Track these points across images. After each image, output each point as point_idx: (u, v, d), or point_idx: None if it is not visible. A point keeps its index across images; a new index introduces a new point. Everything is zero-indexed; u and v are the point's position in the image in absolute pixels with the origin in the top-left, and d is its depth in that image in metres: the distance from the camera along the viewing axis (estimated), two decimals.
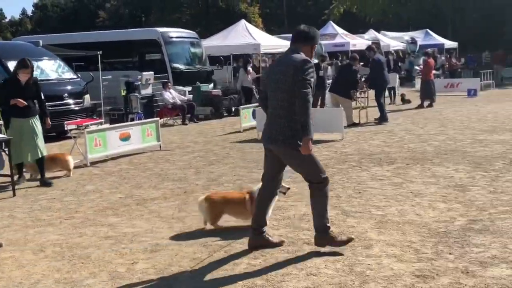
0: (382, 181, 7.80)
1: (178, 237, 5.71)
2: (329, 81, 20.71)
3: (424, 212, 6.19)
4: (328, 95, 17.53)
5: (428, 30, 35.89)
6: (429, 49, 34.40)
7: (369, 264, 4.70)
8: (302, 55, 4.90)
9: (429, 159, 9.29)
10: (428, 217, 5.97)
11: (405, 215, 6.09)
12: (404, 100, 19.51)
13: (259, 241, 5.19)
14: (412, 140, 11.45)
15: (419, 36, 35.32)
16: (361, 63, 21.05)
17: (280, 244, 5.23)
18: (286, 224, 5.96)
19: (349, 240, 5.11)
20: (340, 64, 22.85)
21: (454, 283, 4.22)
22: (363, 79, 15.56)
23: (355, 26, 39.38)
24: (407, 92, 21.72)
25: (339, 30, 29.11)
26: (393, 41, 33.03)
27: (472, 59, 33.59)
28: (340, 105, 14.43)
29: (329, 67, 22.27)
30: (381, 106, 14.68)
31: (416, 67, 27.40)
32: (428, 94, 18.35)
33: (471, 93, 21.77)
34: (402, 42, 34.08)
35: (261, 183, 5.40)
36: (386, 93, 20.36)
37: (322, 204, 5.01)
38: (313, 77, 4.79)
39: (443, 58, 32.78)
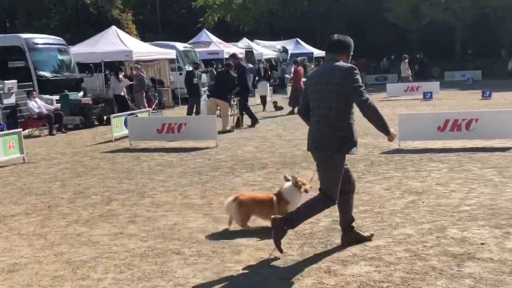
0: (254, 187, 7.92)
1: (39, 255, 5.36)
2: (204, 89, 20.82)
3: None
4: (203, 102, 17.61)
5: (298, 39, 37.34)
6: (299, 58, 35.86)
7: (237, 270, 4.72)
8: (345, 63, 4.97)
9: (298, 163, 9.60)
10: None
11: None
12: (277, 107, 20.06)
13: (352, 237, 5.21)
14: (283, 145, 11.78)
15: (290, 45, 36.64)
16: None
17: (369, 238, 5.28)
18: (156, 235, 5.82)
19: (280, 251, 4.99)
20: (215, 71, 23.03)
21: (317, 283, 4.36)
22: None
23: (229, 35, 39.97)
24: (280, 99, 22.37)
25: (214, 38, 29.34)
26: (265, 49, 33.94)
27: None
28: (219, 110, 14.55)
29: (203, 74, 22.35)
30: (248, 110, 15.13)
31: (286, 75, 28.38)
32: (298, 101, 19.02)
33: None
34: (274, 51, 35.14)
35: (288, 183, 5.78)
36: (258, 100, 20.94)
37: (312, 212, 5.13)
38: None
39: (312, 66, 34.27)
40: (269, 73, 24.61)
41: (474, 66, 37.37)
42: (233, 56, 16.38)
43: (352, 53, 5.23)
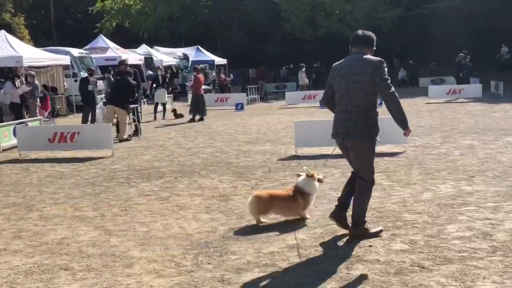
0: (150, 197, 7.75)
1: None
2: (101, 96, 20.19)
3: (188, 224, 6.27)
4: (99, 110, 17.05)
5: (199, 47, 37.30)
6: (200, 65, 35.81)
7: (128, 284, 4.56)
8: (374, 57, 5.31)
9: (197, 171, 9.53)
10: (192, 229, 6.06)
11: (169, 229, 6.09)
12: (177, 115, 19.86)
13: (342, 218, 5.54)
14: (182, 153, 11.66)
15: (191, 52, 36.49)
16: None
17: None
18: (43, 250, 5.51)
19: (381, 230, 5.55)
20: (112, 78, 22.41)
21: None
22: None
23: (128, 41, 39.11)
24: (181, 106, 22.24)
25: (111, 44, 28.57)
26: (166, 56, 33.56)
27: (237, 75, 35.78)
28: (117, 118, 14.14)
29: (100, 81, 21.70)
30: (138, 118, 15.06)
31: (186, 83, 28.24)
32: (198, 108, 18.97)
33: (239, 107, 23.13)
34: (175, 58, 34.84)
35: (304, 175, 6.12)
36: (160, 107, 20.58)
37: (364, 201, 5.46)
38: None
39: (214, 73, 34.36)
40: (167, 80, 24.22)
41: None
42: (122, 63, 16.07)
43: (375, 48, 5.57)
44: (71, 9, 52.98)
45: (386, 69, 5.23)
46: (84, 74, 23.55)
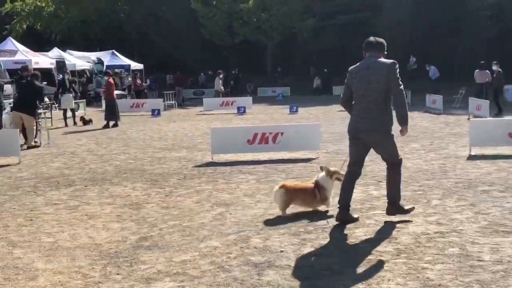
0: (57, 206, 7.44)
1: None
2: (9, 101, 19.21)
3: (97, 234, 6.07)
4: (5, 116, 16.21)
5: (114, 51, 36.45)
6: (115, 70, 35.03)
7: None
8: (387, 59, 5.98)
9: (109, 179, 9.27)
10: (101, 239, 5.87)
11: (77, 239, 5.87)
12: (85, 122, 19.12)
13: (345, 216, 6.11)
14: (93, 160, 11.31)
15: (106, 57, 35.58)
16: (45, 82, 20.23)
17: (357, 219, 6.19)
18: None
19: (413, 208, 6.29)
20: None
21: None
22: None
23: (40, 44, 37.51)
24: (95, 112, 21.61)
25: (20, 46, 27.27)
26: (79, 60, 32.53)
27: (154, 81, 35.31)
28: (25, 125, 13.49)
29: (7, 85, 20.63)
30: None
31: (100, 88, 27.50)
32: (112, 114, 18.50)
33: (155, 113, 22.81)
34: (89, 62, 33.85)
35: (323, 173, 6.64)
36: (69, 113, 19.85)
37: (397, 180, 6.09)
38: None
39: (129, 79, 33.70)
40: (73, 84, 23.24)
41: (283, 82, 39.89)
42: (25, 69, 15.23)
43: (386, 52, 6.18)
44: None
45: (398, 70, 5.92)
46: None
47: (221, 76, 28.49)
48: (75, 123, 19.46)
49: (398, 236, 5.64)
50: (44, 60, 27.28)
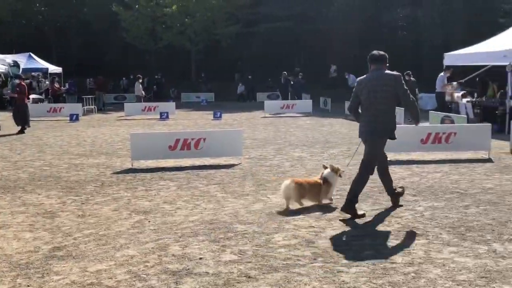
0: None
1: None
2: None
3: (8, 244, 5.78)
4: None
5: (31, 54, 35.00)
6: (33, 73, 33.68)
7: None
8: (393, 72, 6.76)
9: (22, 186, 8.86)
10: (11, 250, 5.60)
11: None
12: None
13: (352, 210, 6.58)
14: (6, 167, 10.79)
15: (22, 59, 34.11)
16: None
17: (363, 215, 6.67)
18: None
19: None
20: None
21: None
22: None
23: None
24: (8, 117, 20.58)
25: None
26: None
27: (73, 85, 34.23)
28: None
29: None
30: None
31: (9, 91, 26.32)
32: (23, 119, 17.75)
33: (73, 117, 22.10)
34: (4, 65, 32.30)
35: (327, 169, 7.36)
36: None
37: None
38: None
39: (47, 82, 32.49)
40: None
41: (207, 88, 39.79)
42: None
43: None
44: None
45: (403, 81, 6.78)
46: None
47: (140, 80, 28.04)
48: None
49: (315, 240, 5.74)
50: None
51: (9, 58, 34.13)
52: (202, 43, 42.26)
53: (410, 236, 5.84)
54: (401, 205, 7.18)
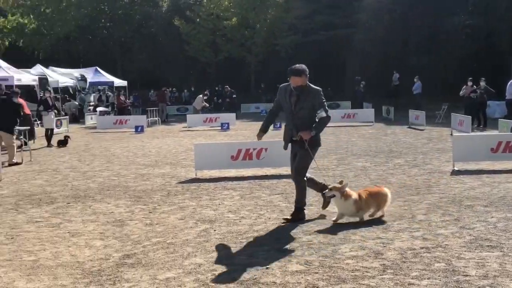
0: (39, 223, 7.32)
1: None
2: None
3: (80, 252, 5.97)
4: None
5: (98, 68, 36.31)
6: (99, 86, 34.88)
7: None
8: (312, 85, 6.93)
9: (92, 196, 9.15)
10: (83, 257, 5.77)
11: (59, 258, 5.76)
12: (60, 144, 17.58)
13: (300, 216, 7.00)
14: (76, 177, 11.18)
15: (89, 73, 35.44)
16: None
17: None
18: None
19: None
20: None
21: None
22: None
23: (23, 61, 37.22)
24: (78, 129, 21.38)
25: (2, 63, 27.01)
26: (62, 77, 32.32)
27: (137, 97, 35.20)
28: (5, 142, 13.31)
29: None
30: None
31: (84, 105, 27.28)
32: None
33: (138, 129, 22.69)
34: (72, 79, 33.67)
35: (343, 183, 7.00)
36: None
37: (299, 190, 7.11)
38: None
39: (113, 95, 33.58)
40: (55, 102, 22.15)
41: (266, 99, 39.97)
42: None
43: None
44: None
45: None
46: None
47: (205, 94, 28.70)
48: (50, 145, 17.61)
49: (384, 251, 5.61)
50: (26, 77, 27.08)
51: (76, 72, 35.57)
52: (261, 54, 42.55)
53: (483, 248, 5.62)
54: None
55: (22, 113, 14.11)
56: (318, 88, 6.97)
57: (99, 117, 26.40)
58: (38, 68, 30.99)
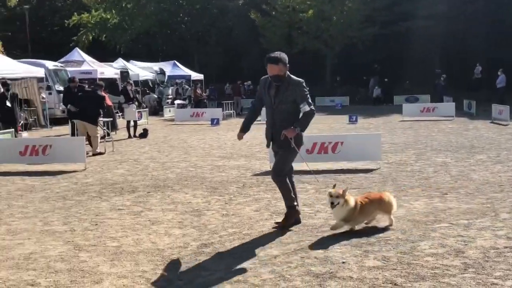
0: (121, 211, 7.62)
1: None
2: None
3: (160, 239, 6.17)
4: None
5: (176, 62, 37.23)
6: (177, 80, 35.72)
7: None
8: (293, 76, 6.51)
9: (170, 186, 9.42)
10: (163, 244, 5.96)
11: (140, 244, 5.98)
12: (141, 136, 18.21)
13: (293, 219, 6.57)
14: (156, 168, 11.53)
15: (167, 67, 36.40)
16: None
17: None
18: (9, 266, 5.35)
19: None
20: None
21: None
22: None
23: (105, 55, 38.82)
24: (157, 121, 22.00)
25: (86, 57, 28.34)
26: (142, 70, 33.42)
27: (213, 91, 35.73)
28: (89, 133, 13.94)
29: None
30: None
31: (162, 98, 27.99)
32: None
33: (214, 122, 23.09)
34: (151, 72, 34.71)
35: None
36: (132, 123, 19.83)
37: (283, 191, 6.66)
38: None
39: (188, 88, 34.31)
40: (136, 95, 22.63)
41: (342, 92, 39.49)
42: (72, 80, 16.68)
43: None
44: (46, 22, 52.50)
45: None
46: (59, 87, 23.28)
47: None
48: (132, 136, 18.42)
49: (465, 250, 5.43)
50: (109, 70, 28.21)
51: (156, 66, 36.63)
52: (338, 47, 42.04)
53: None
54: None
55: (105, 105, 14.73)
56: (299, 79, 6.45)
57: (177, 110, 27.07)
58: (120, 62, 32.21)
